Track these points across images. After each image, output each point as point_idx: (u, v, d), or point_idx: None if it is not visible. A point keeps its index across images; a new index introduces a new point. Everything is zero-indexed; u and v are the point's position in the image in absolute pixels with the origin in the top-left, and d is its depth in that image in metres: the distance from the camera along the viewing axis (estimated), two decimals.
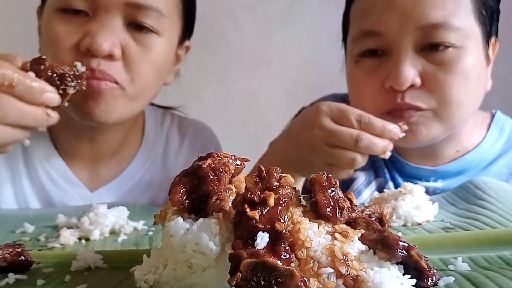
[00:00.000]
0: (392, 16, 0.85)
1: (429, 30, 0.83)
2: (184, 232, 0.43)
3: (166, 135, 1.14)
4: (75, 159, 1.01)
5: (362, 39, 0.90)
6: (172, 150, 1.13)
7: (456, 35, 0.84)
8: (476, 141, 1.01)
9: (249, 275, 0.37)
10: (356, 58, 0.92)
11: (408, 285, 0.42)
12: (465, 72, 0.85)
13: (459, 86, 0.85)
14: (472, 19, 0.86)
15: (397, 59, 0.85)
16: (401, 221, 0.69)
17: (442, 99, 0.86)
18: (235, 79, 2.07)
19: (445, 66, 0.85)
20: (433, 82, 0.85)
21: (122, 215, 0.75)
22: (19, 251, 0.54)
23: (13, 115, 0.62)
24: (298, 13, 2.06)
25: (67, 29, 0.85)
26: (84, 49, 0.83)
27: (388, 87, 0.86)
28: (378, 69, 0.88)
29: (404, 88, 0.84)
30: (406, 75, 0.84)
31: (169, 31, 0.93)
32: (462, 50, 0.85)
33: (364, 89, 0.91)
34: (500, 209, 0.68)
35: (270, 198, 0.41)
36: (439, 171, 0.99)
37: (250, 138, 2.08)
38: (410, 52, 0.85)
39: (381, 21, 0.86)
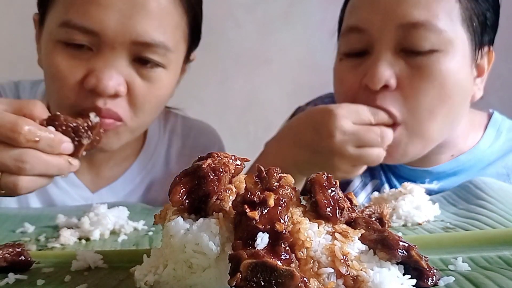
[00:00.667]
0: (376, 13, 0.85)
1: (410, 29, 0.82)
2: (184, 232, 0.43)
3: (168, 136, 1.13)
4: None
5: (346, 35, 0.91)
6: (174, 151, 1.12)
7: (437, 37, 0.82)
8: (472, 142, 1.00)
9: (249, 276, 0.37)
10: (341, 56, 0.93)
11: (408, 285, 0.42)
12: (442, 78, 0.83)
13: (432, 93, 0.83)
14: (458, 23, 0.84)
15: (376, 58, 0.85)
16: (401, 221, 0.69)
17: (412, 106, 0.84)
18: (235, 79, 2.07)
19: (422, 70, 0.83)
20: (407, 87, 0.84)
21: (122, 215, 0.75)
22: (19, 251, 0.54)
23: (39, 167, 0.66)
24: (298, 13, 2.06)
25: (69, 63, 0.82)
26: (89, 89, 0.81)
27: (364, 85, 0.86)
28: (359, 67, 0.88)
29: (377, 87, 0.84)
30: (381, 74, 0.83)
31: (174, 62, 0.90)
32: (443, 54, 0.83)
33: (345, 86, 0.92)
34: (500, 209, 0.68)
35: (270, 198, 0.41)
36: (434, 172, 0.98)
37: (250, 138, 2.08)
38: (389, 52, 0.84)
39: (364, 17, 0.87)
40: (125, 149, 1.05)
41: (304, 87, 1.98)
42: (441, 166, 0.98)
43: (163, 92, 0.90)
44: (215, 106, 2.06)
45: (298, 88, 2.01)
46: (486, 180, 0.81)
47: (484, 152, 0.99)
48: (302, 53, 2.07)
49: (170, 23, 0.86)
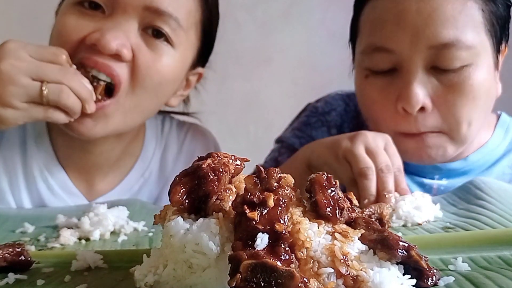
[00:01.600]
0: (403, 33, 0.84)
1: (440, 49, 0.83)
2: (184, 232, 0.43)
3: (165, 142, 1.11)
4: (73, 169, 0.99)
5: (372, 54, 0.89)
6: (170, 157, 1.10)
7: (466, 53, 0.83)
8: (482, 141, 1.01)
9: (249, 276, 0.37)
10: (366, 72, 0.91)
11: (408, 285, 0.42)
12: (474, 91, 0.85)
13: (468, 107, 0.86)
14: (483, 33, 0.85)
15: (408, 78, 0.85)
16: (401, 221, 0.69)
17: (452, 122, 0.87)
18: (235, 79, 2.07)
19: (454, 87, 0.84)
20: (443, 104, 0.86)
21: (122, 215, 0.75)
22: (19, 251, 0.54)
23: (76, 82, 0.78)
24: (298, 13, 2.06)
25: (78, 22, 0.83)
26: (90, 43, 0.81)
27: (401, 108, 0.86)
28: (390, 87, 0.88)
29: (415, 111, 0.85)
30: (417, 97, 0.84)
31: (183, 46, 0.90)
32: (472, 68, 0.84)
33: (377, 109, 0.91)
34: (500, 209, 0.68)
35: (270, 199, 0.41)
36: (443, 169, 0.99)
37: (250, 138, 2.08)
38: (420, 71, 0.84)
39: (392, 37, 0.85)
40: (123, 159, 1.03)
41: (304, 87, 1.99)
42: (452, 164, 0.99)
43: (167, 70, 0.88)
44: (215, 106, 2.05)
45: (298, 88, 2.01)
46: (486, 180, 0.81)
47: (493, 152, 1.01)
48: (302, 53, 2.07)
49: (185, 5, 0.88)
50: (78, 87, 0.78)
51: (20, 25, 1.74)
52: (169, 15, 0.85)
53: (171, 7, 0.85)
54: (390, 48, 0.86)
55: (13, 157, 0.96)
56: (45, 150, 0.97)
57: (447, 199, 0.82)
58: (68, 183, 0.98)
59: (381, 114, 0.91)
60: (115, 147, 0.99)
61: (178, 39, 0.88)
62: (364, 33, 0.92)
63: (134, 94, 0.86)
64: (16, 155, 0.96)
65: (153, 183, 1.06)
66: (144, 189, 1.05)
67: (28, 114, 0.77)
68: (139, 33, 0.85)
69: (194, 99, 1.16)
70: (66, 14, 0.85)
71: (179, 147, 1.11)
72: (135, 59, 0.84)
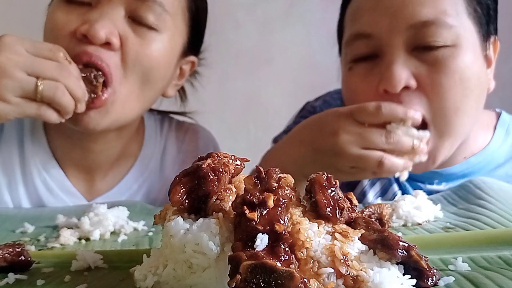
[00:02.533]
0: (381, 16, 0.83)
1: (420, 28, 0.81)
2: (184, 232, 0.43)
3: (164, 141, 1.11)
4: (71, 168, 0.99)
5: (352, 43, 0.88)
6: (170, 157, 1.10)
7: (448, 33, 0.81)
8: (483, 143, 0.98)
9: (248, 277, 0.37)
10: (349, 65, 0.90)
11: (408, 285, 0.42)
12: (460, 72, 0.82)
13: (455, 88, 0.82)
14: (465, 17, 0.84)
15: (389, 60, 0.83)
16: (401, 221, 0.69)
17: (438, 104, 0.83)
18: (235, 79, 2.07)
19: (438, 66, 0.82)
20: (428, 84, 0.82)
21: (122, 215, 0.75)
22: (19, 251, 0.54)
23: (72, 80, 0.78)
24: (298, 13, 2.06)
25: (67, 17, 0.85)
26: (80, 35, 0.83)
27: (382, 90, 0.83)
28: (371, 73, 0.86)
29: (398, 90, 0.82)
30: (399, 76, 0.81)
31: (171, 31, 0.91)
32: (456, 49, 0.82)
33: (359, 96, 0.88)
34: (500, 209, 0.68)
35: (269, 199, 0.41)
36: (444, 174, 0.96)
37: (250, 138, 2.08)
38: (402, 53, 0.83)
39: (370, 22, 0.85)
40: (123, 158, 1.03)
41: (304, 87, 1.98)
42: (452, 168, 0.96)
43: (155, 56, 0.89)
44: (215, 106, 2.05)
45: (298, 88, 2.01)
46: (486, 180, 0.80)
47: (494, 154, 0.98)
48: (302, 53, 2.07)
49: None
50: (73, 85, 0.78)
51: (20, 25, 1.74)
52: (153, 0, 0.86)
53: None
54: (370, 33, 0.85)
55: (11, 158, 0.96)
56: (43, 151, 0.97)
57: (447, 198, 0.82)
58: (67, 183, 0.98)
59: (363, 100, 0.86)
60: (114, 145, 1.00)
61: (164, 24, 0.89)
62: (346, 28, 0.92)
63: (127, 81, 0.87)
64: (14, 155, 0.96)
65: (152, 182, 1.07)
66: (144, 188, 1.05)
67: (21, 110, 0.75)
68: (126, 20, 0.86)
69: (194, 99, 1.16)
70: (55, 10, 0.87)
71: (178, 147, 1.11)
72: (124, 46, 0.86)
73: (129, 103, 0.90)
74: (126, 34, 0.85)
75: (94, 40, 0.82)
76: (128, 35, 0.86)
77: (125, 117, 0.92)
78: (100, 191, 1.01)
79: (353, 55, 0.89)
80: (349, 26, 0.91)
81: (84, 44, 0.83)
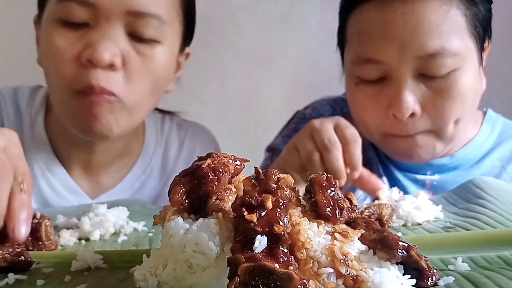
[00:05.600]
0: (391, 46, 0.87)
1: (427, 59, 0.86)
2: (184, 232, 0.42)
3: (165, 140, 1.13)
4: (75, 167, 1.00)
5: (361, 65, 0.92)
6: (172, 155, 1.12)
7: (452, 60, 0.86)
8: (469, 137, 1.05)
9: (247, 280, 0.36)
10: (356, 80, 0.94)
11: (408, 285, 0.42)
12: (462, 94, 0.89)
13: (456, 109, 0.90)
14: (467, 38, 0.88)
15: (398, 87, 0.88)
16: (401, 221, 0.69)
17: (441, 122, 0.91)
18: (235, 79, 2.07)
19: (442, 91, 0.88)
20: (432, 108, 0.89)
21: (122, 216, 0.75)
22: (19, 251, 0.54)
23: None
24: (298, 13, 2.06)
25: (68, 41, 0.84)
26: (85, 60, 0.82)
27: (391, 115, 0.90)
28: (380, 95, 0.91)
29: (406, 117, 0.88)
30: (407, 105, 0.87)
31: (170, 39, 0.92)
32: (459, 72, 0.87)
33: (368, 114, 0.95)
34: (500, 209, 0.68)
35: (268, 200, 0.40)
36: (434, 165, 1.02)
37: (250, 138, 2.08)
38: (409, 79, 0.88)
39: (379, 50, 0.88)
40: (125, 156, 1.05)
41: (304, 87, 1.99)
42: (441, 160, 1.02)
43: (159, 69, 0.90)
44: (215, 106, 2.05)
45: (298, 88, 2.01)
46: (486, 180, 0.81)
47: (481, 146, 1.05)
48: (302, 53, 2.07)
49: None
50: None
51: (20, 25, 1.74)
52: (150, 15, 0.86)
53: (152, 6, 0.86)
54: (379, 60, 0.89)
55: None
56: (45, 151, 0.98)
57: (447, 198, 0.82)
58: (70, 181, 0.99)
59: (372, 119, 0.95)
60: (117, 145, 1.01)
61: (164, 35, 0.89)
62: (352, 44, 0.95)
63: (134, 93, 0.88)
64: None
65: (154, 180, 1.08)
66: (146, 185, 1.07)
67: None
68: (126, 38, 0.86)
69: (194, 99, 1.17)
70: (52, 33, 0.85)
71: (179, 145, 1.13)
72: (126, 65, 0.86)
73: (137, 112, 0.91)
74: (128, 53, 0.85)
75: (98, 64, 0.82)
76: (130, 53, 0.86)
77: (134, 124, 0.94)
78: (103, 188, 1.02)
79: (361, 76, 0.93)
80: (355, 44, 0.93)
81: (89, 70, 0.82)
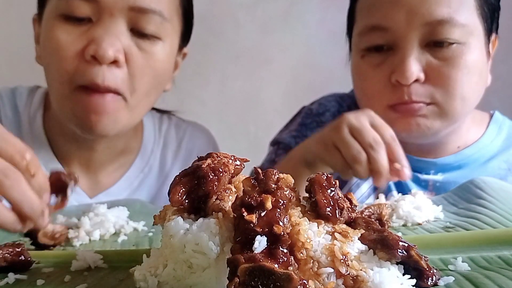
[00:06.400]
0: (399, 11, 0.88)
1: (435, 26, 0.87)
2: (184, 232, 0.43)
3: (164, 139, 1.13)
4: (74, 166, 1.00)
5: (368, 34, 0.93)
6: (170, 154, 1.12)
7: (460, 31, 0.87)
8: (475, 137, 1.04)
9: (247, 280, 0.36)
10: (362, 53, 0.95)
11: (408, 285, 0.42)
12: (469, 67, 0.88)
13: (463, 80, 0.89)
14: (475, 16, 0.89)
15: (403, 54, 0.88)
16: (401, 221, 0.69)
17: (446, 93, 0.89)
18: (235, 79, 2.07)
19: (448, 61, 0.88)
20: (437, 77, 0.89)
21: (122, 215, 0.75)
22: (19, 251, 0.54)
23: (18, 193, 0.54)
24: (298, 13, 2.05)
25: (70, 36, 0.84)
26: (89, 56, 0.83)
27: (395, 81, 0.89)
28: (384, 64, 0.91)
29: (409, 82, 0.88)
30: (412, 70, 0.87)
31: (170, 36, 0.93)
32: (466, 46, 0.88)
33: (370, 83, 0.94)
34: (501, 209, 0.68)
35: (268, 201, 0.40)
36: (439, 163, 1.02)
37: (250, 138, 2.08)
38: (415, 47, 0.88)
39: (387, 16, 0.90)
40: (123, 155, 1.05)
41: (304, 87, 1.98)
42: (447, 158, 1.02)
43: (160, 65, 0.91)
44: (215, 106, 2.05)
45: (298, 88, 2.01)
46: (487, 180, 0.81)
47: (487, 147, 1.04)
48: (302, 53, 2.07)
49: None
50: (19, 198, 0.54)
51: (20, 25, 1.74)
52: (153, 11, 0.87)
53: (154, 3, 0.87)
54: (386, 26, 0.90)
55: None
56: (44, 149, 0.98)
57: (447, 199, 0.82)
58: None
59: (374, 87, 0.94)
60: (117, 143, 1.01)
61: (165, 32, 0.90)
62: (361, 18, 0.96)
63: (136, 92, 0.89)
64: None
65: (152, 178, 1.08)
66: (144, 184, 1.07)
67: None
68: (128, 34, 0.87)
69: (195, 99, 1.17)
70: (54, 29, 0.85)
71: (178, 144, 1.13)
72: (129, 61, 0.86)
73: (137, 109, 0.92)
74: (130, 50, 0.86)
75: (103, 61, 0.82)
76: (132, 50, 0.87)
77: (133, 121, 0.94)
78: (102, 187, 1.02)
79: (367, 45, 0.94)
80: (364, 17, 0.95)
81: (93, 66, 0.83)
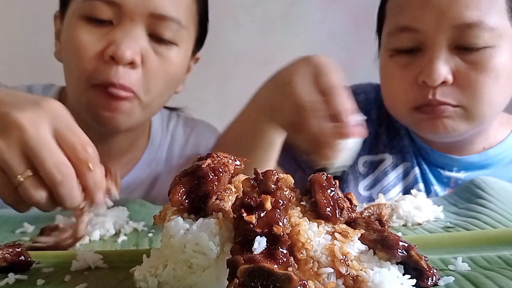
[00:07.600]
0: (428, 13, 0.88)
1: (464, 29, 0.86)
2: (184, 232, 0.43)
3: (171, 135, 1.16)
4: None
5: (397, 34, 0.93)
6: (177, 149, 1.15)
7: (489, 35, 0.86)
8: (501, 139, 1.04)
9: (246, 281, 0.36)
10: (390, 52, 0.95)
11: (408, 285, 0.42)
12: (496, 71, 0.88)
13: (490, 85, 0.88)
14: (506, 19, 0.88)
15: (432, 55, 0.88)
16: (401, 221, 0.69)
17: (473, 97, 0.89)
18: (235, 79, 2.07)
19: (477, 65, 0.87)
20: (465, 80, 0.88)
21: (122, 216, 0.75)
22: (19, 251, 0.54)
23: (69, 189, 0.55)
24: (298, 13, 2.05)
25: (91, 37, 0.87)
26: (107, 57, 0.86)
27: (421, 82, 0.89)
28: (412, 65, 0.92)
29: (436, 84, 0.87)
30: (440, 72, 0.87)
31: (185, 43, 0.95)
32: (495, 50, 0.87)
33: (397, 83, 0.95)
34: (501, 209, 0.68)
35: (267, 202, 0.40)
36: (463, 161, 1.02)
37: None
38: (444, 50, 0.88)
39: (417, 17, 0.89)
40: (131, 150, 1.07)
41: None
42: (471, 157, 1.02)
43: (174, 69, 0.94)
44: (215, 106, 2.05)
45: None
46: (487, 180, 0.81)
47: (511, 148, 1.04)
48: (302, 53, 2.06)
49: (183, 3, 0.93)
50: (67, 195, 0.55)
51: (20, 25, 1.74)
52: (171, 19, 0.90)
53: (173, 11, 0.90)
54: (416, 28, 0.90)
55: None
56: None
57: (448, 199, 0.82)
58: None
59: (401, 87, 0.94)
60: (126, 138, 1.04)
61: (181, 38, 0.93)
62: (390, 17, 0.96)
63: (149, 92, 0.92)
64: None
65: (160, 174, 1.10)
66: (152, 179, 1.09)
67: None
68: (146, 38, 0.90)
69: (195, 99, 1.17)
70: (76, 29, 0.88)
71: (185, 140, 1.16)
72: (144, 63, 0.89)
73: (149, 108, 0.95)
74: (147, 53, 0.89)
75: (121, 62, 0.85)
76: (149, 53, 0.89)
77: (145, 118, 0.98)
78: None
79: (396, 46, 0.94)
80: (394, 16, 0.95)
81: (110, 66, 0.86)
